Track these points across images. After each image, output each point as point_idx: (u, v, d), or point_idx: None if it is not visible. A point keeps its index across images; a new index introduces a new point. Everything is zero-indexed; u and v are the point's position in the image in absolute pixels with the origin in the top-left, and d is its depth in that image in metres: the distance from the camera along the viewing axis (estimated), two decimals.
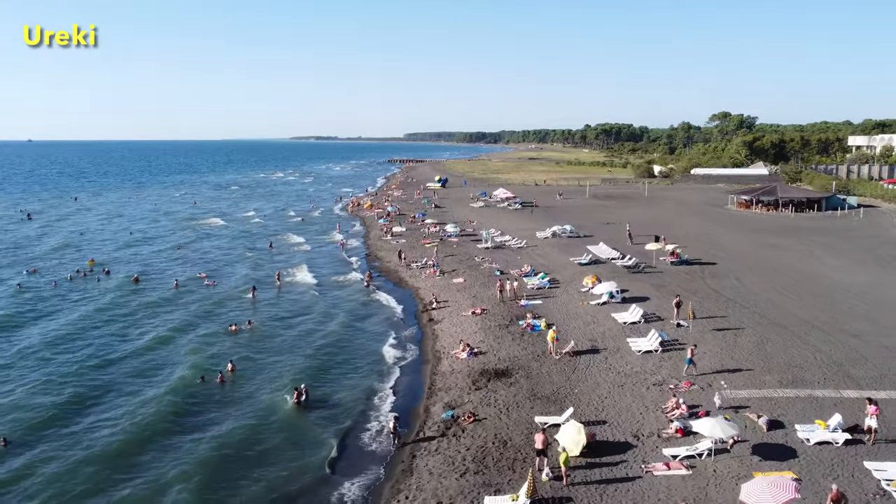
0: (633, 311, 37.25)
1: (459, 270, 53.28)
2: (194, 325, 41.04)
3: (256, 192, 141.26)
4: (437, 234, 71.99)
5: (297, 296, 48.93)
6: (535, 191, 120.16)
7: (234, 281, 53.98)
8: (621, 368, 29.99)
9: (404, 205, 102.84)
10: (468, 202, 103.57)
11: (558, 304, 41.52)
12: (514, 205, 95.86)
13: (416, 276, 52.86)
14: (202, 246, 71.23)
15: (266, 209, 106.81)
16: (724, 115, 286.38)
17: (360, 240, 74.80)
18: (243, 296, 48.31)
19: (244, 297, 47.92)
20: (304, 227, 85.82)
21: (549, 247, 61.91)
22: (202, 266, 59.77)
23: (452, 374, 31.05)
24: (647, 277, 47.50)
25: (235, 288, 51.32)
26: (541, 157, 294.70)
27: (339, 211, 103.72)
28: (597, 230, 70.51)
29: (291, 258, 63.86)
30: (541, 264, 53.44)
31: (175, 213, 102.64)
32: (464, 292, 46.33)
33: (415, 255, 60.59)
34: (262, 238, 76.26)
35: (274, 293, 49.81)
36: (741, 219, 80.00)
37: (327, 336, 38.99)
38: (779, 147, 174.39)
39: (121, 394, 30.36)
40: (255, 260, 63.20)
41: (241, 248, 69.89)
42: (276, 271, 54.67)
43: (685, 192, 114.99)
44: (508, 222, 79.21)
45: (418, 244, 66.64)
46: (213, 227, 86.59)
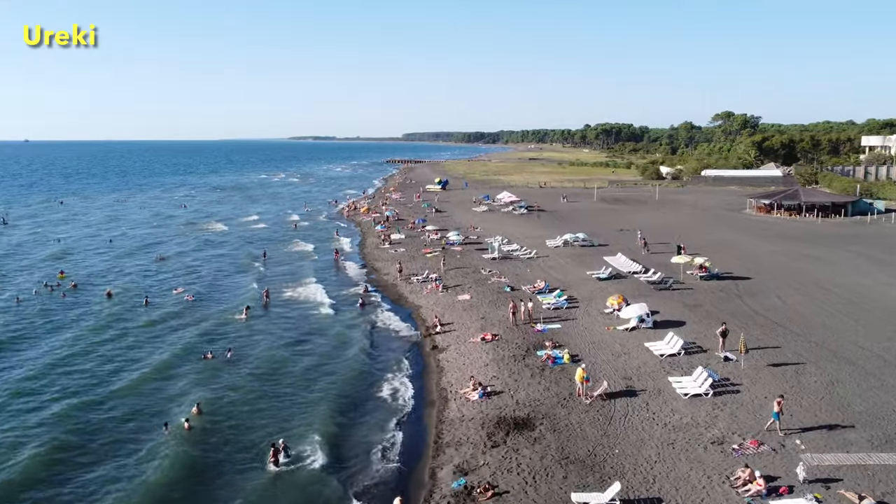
0: (671, 341, 32.06)
1: (465, 285, 48.10)
2: (164, 353, 35.77)
3: (250, 195, 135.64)
4: (439, 242, 66.79)
5: (285, 316, 43.62)
6: (539, 193, 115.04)
7: (218, 296, 48.77)
8: (668, 419, 24.78)
9: (403, 209, 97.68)
10: (470, 206, 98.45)
11: (580, 329, 36.33)
12: (520, 209, 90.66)
13: (417, 292, 47.67)
14: (187, 255, 65.87)
15: (258, 213, 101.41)
16: (728, 115, 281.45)
17: (356, 248, 69.58)
18: (230, 316, 42.97)
19: (230, 318, 42.60)
20: (298, 233, 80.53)
21: (561, 257, 56.74)
22: (185, 279, 54.54)
23: (462, 423, 25.84)
24: (676, 295, 42.32)
25: (220, 305, 46.09)
26: (541, 158, 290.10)
27: (334, 215, 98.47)
28: (611, 238, 65.37)
29: (283, 270, 58.57)
30: (555, 279, 48.28)
31: (163, 217, 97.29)
32: (471, 312, 41.15)
33: (415, 267, 55.45)
34: (252, 246, 70.97)
35: (263, 311, 44.65)
36: (764, 225, 74.86)
37: (315, 369, 33.76)
38: (788, 147, 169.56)
39: (48, 463, 24.48)
40: (244, 271, 58.00)
41: (230, 257, 64.67)
42: (264, 288, 49.42)
43: (698, 194, 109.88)
44: (515, 229, 74.02)
45: (419, 254, 61.45)
46: (201, 233, 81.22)
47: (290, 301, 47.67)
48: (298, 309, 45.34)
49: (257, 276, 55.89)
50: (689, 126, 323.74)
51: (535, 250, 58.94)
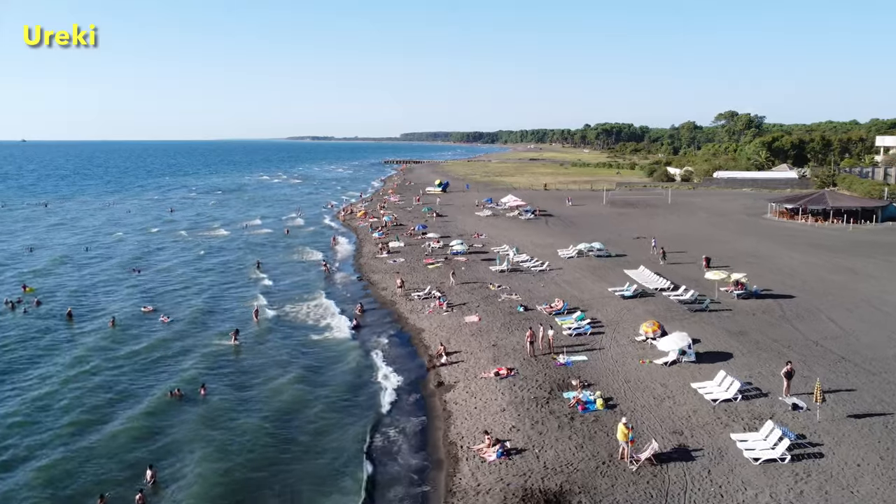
0: (724, 382, 26.85)
1: (472, 303, 42.93)
2: (120, 392, 30.54)
3: (243, 198, 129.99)
4: (442, 251, 61.56)
5: (273, 342, 38.18)
6: (544, 196, 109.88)
7: (199, 317, 43.31)
8: (740, 496, 19.59)
9: (402, 213, 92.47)
10: (473, 210, 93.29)
11: (609, 362, 31.15)
12: (526, 214, 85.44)
13: (419, 312, 42.47)
14: (168, 267, 60.47)
15: (249, 218, 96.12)
16: (731, 115, 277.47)
17: (352, 256, 64.33)
18: (214, 342, 37.76)
19: (214, 344, 37.41)
20: (290, 240, 75.24)
21: (576, 270, 51.55)
22: (162, 296, 49.25)
23: (479, 497, 20.66)
24: (715, 319, 37.15)
25: (200, 327, 40.82)
26: (542, 158, 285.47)
27: (329, 220, 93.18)
28: (628, 248, 60.20)
29: (272, 284, 53.23)
30: (572, 296, 43.10)
31: (149, 223, 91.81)
32: (480, 338, 35.99)
33: (416, 280, 50.29)
34: (240, 255, 65.72)
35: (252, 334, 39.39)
36: (790, 231, 69.72)
37: (297, 412, 28.48)
38: (798, 148, 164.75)
39: None
40: (230, 286, 52.69)
41: (216, 269, 59.22)
42: (253, 307, 44.00)
43: (711, 198, 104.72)
44: (522, 236, 68.82)
45: (419, 265, 56.25)
46: (186, 241, 75.89)
47: (280, 320, 42.45)
48: (288, 332, 40.08)
49: (245, 291, 50.68)
50: (692, 126, 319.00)
51: (546, 262, 53.75)
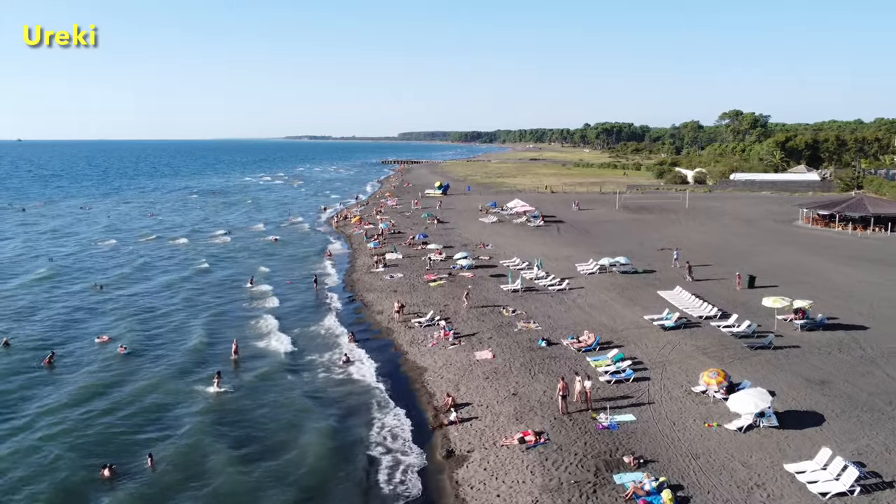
0: (831, 465, 20.15)
1: (482, 333, 36.31)
2: (35, 472, 23.79)
3: (232, 201, 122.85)
4: (443, 265, 54.87)
5: (248, 389, 31.41)
6: (550, 200, 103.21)
7: (164, 349, 36.61)
8: None
9: (400, 218, 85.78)
10: (477, 215, 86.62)
11: (665, 424, 24.50)
12: (535, 220, 78.72)
13: (420, 344, 35.80)
14: (136, 282, 53.61)
15: (236, 224, 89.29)
16: (736, 114, 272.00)
17: (344, 270, 57.58)
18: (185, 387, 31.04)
19: (185, 390, 30.68)
20: (277, 250, 68.36)
21: (601, 289, 44.91)
22: (122, 321, 42.42)
23: None
24: (784, 360, 30.53)
25: (164, 364, 34.06)
26: (542, 158, 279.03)
27: (322, 226, 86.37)
28: (656, 262, 53.57)
29: (254, 305, 46.45)
30: (602, 325, 36.50)
31: (124, 229, 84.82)
32: (496, 382, 29.37)
33: (416, 302, 43.65)
34: (218, 267, 58.92)
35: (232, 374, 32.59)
36: (829, 241, 63.12)
37: (266, 495, 21.89)
38: (813, 148, 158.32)
39: None
40: (205, 308, 45.76)
41: (192, 285, 52.17)
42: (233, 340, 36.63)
43: (731, 202, 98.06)
44: (533, 246, 62.17)
45: (420, 282, 49.55)
46: (162, 251, 69.04)
47: (261, 356, 35.69)
48: (268, 373, 33.20)
49: (223, 314, 43.87)
50: (696, 125, 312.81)
51: (565, 280, 47.09)
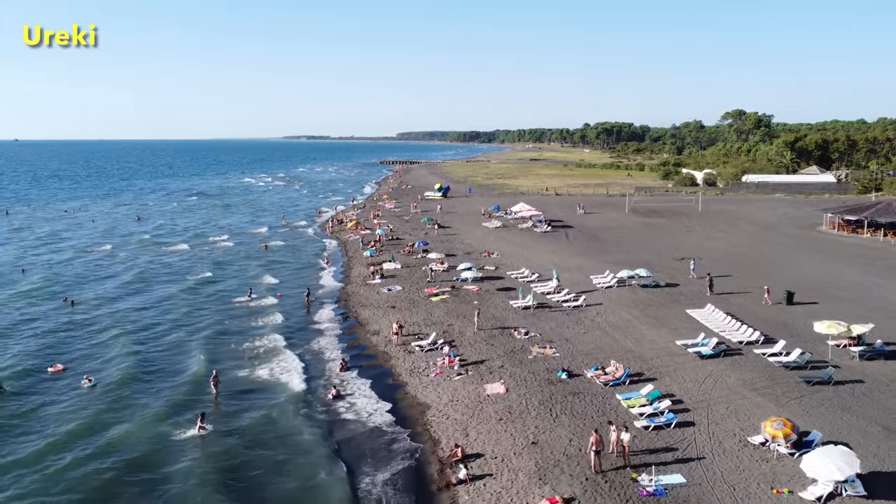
0: None
1: (492, 360, 31.94)
2: None
3: (224, 204, 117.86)
4: (446, 276, 50.47)
5: (228, 430, 26.89)
6: (555, 202, 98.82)
7: (137, 381, 32.09)
8: None
9: (398, 223, 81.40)
10: (479, 220, 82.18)
11: (723, 489, 20.08)
12: (542, 226, 74.24)
13: (421, 373, 31.42)
14: (110, 297, 49.02)
15: (225, 228, 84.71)
16: (739, 114, 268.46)
17: (339, 279, 53.18)
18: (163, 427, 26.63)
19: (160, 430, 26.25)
20: (267, 258, 63.79)
21: (621, 306, 40.54)
22: (93, 338, 38.14)
23: None
24: (849, 399, 26.15)
25: (136, 401, 29.60)
26: (543, 159, 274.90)
27: (316, 230, 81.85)
28: (678, 274, 49.13)
29: (238, 324, 41.99)
30: (628, 351, 32.15)
31: (109, 235, 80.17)
32: (512, 425, 25.00)
33: (416, 320, 39.33)
34: (203, 278, 54.44)
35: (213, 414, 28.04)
36: (862, 250, 58.77)
37: None
38: (823, 148, 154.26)
39: None
40: (183, 326, 41.29)
41: (170, 301, 47.28)
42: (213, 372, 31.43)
43: (746, 205, 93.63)
44: (542, 255, 57.81)
45: (420, 296, 45.15)
46: (145, 258, 64.50)
47: (245, 386, 31.22)
48: (247, 407, 28.92)
49: (202, 335, 39.33)
50: (699, 125, 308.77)
51: (581, 295, 42.68)
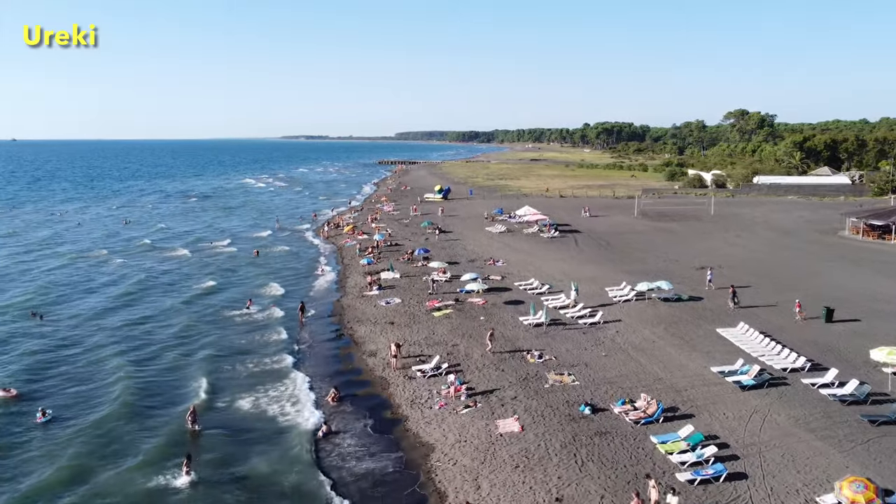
0: None
1: (504, 391, 28.19)
2: None
3: (218, 206, 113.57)
4: (448, 287, 46.67)
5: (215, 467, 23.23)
6: (560, 205, 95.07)
7: (111, 413, 28.30)
8: None
9: (397, 227, 77.64)
10: (482, 223, 78.41)
11: None
12: (549, 231, 70.36)
13: (423, 404, 27.67)
14: (87, 308, 45.28)
15: (217, 233, 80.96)
16: (742, 113, 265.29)
17: (333, 289, 49.42)
18: (145, 477, 22.86)
19: (138, 482, 22.52)
20: (259, 265, 59.98)
21: (643, 323, 36.78)
22: (61, 359, 34.41)
23: None
24: None
25: (104, 437, 25.82)
26: (544, 159, 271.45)
27: (311, 235, 77.97)
28: (701, 286, 45.35)
29: (223, 339, 38.25)
30: (658, 380, 28.41)
31: (93, 239, 76.32)
32: (531, 475, 21.25)
33: (417, 339, 35.61)
34: (188, 289, 50.64)
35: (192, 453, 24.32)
36: (894, 257, 55.13)
37: None
38: (832, 148, 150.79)
39: None
40: (159, 345, 37.51)
41: (149, 317, 43.41)
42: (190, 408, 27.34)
43: (759, 208, 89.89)
44: (551, 263, 54.06)
45: (421, 310, 41.36)
46: (128, 265, 60.66)
47: (223, 422, 27.38)
48: (229, 443, 25.12)
49: (185, 355, 35.55)
50: (701, 125, 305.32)
51: (598, 310, 38.88)
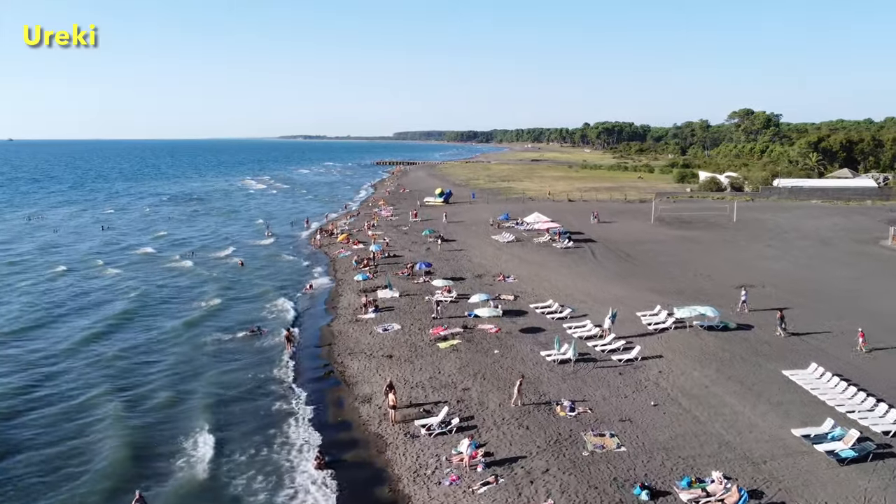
0: None
1: (532, 459, 22.26)
2: None
3: (206, 210, 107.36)
4: (454, 308, 40.64)
5: None
6: (570, 210, 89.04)
7: (28, 478, 22.52)
8: None
9: (396, 234, 71.61)
10: (488, 231, 72.29)
11: None
12: (563, 240, 64.18)
13: (429, 477, 21.78)
14: (27, 333, 39.37)
15: (200, 242, 74.87)
16: (747, 113, 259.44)
17: (323, 310, 43.42)
18: None
19: None
20: (242, 280, 53.98)
21: (688, 361, 30.78)
22: None
23: None
24: None
25: None
26: (545, 159, 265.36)
27: (303, 243, 71.77)
28: (737, 305, 39.41)
29: (195, 385, 32.25)
30: (725, 444, 22.48)
31: (66, 247, 70.25)
32: None
33: (420, 379, 29.71)
34: (161, 309, 44.59)
35: None
36: None
37: None
38: (847, 149, 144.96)
39: None
40: (113, 382, 31.60)
41: (110, 344, 37.83)
42: (136, 495, 21.68)
43: (784, 213, 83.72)
44: (569, 279, 48.03)
45: (424, 339, 35.35)
46: (97, 279, 54.62)
47: (182, 497, 21.50)
48: None
49: (126, 412, 29.54)
50: (705, 125, 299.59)
51: (633, 343, 32.88)
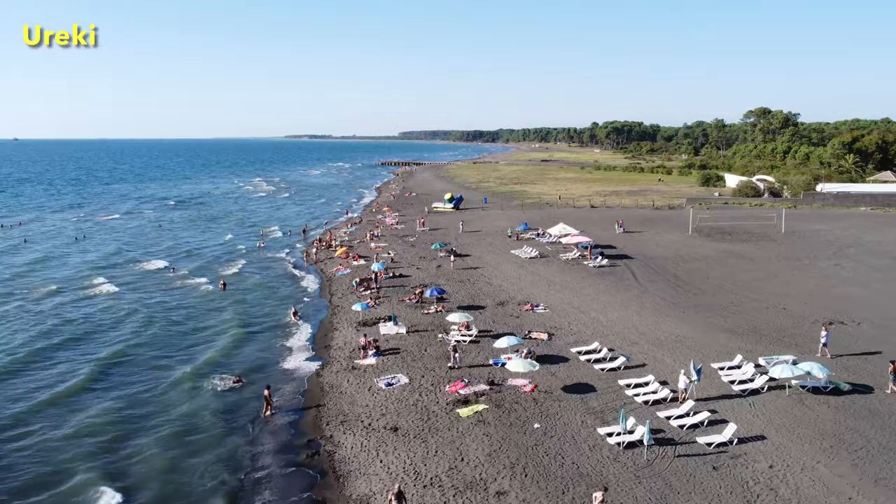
0: None
1: None
2: None
3: (196, 216, 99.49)
4: (472, 346, 32.50)
5: None
6: (593, 218, 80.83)
7: None
8: None
9: (401, 246, 63.71)
10: (506, 243, 63.95)
11: None
12: (595, 256, 55.76)
13: None
14: None
15: (184, 256, 67.03)
16: (764, 112, 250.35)
17: (313, 352, 35.48)
18: None
19: None
20: (224, 305, 46.05)
21: (804, 446, 22.61)
22: None
23: None
24: None
25: None
26: (554, 160, 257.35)
27: (297, 258, 63.73)
28: (849, 357, 31.20)
29: (153, 443, 24.37)
30: None
31: (36, 261, 62.22)
32: None
33: (437, 471, 21.64)
34: (128, 343, 36.66)
35: None
36: None
37: None
38: (883, 150, 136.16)
39: None
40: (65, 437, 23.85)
41: (65, 387, 30.24)
42: None
43: (835, 223, 74.64)
44: (613, 310, 39.80)
45: (438, 402, 27.21)
46: (55, 304, 46.78)
47: None
48: None
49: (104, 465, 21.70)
50: (720, 124, 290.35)
51: (718, 411, 24.73)
